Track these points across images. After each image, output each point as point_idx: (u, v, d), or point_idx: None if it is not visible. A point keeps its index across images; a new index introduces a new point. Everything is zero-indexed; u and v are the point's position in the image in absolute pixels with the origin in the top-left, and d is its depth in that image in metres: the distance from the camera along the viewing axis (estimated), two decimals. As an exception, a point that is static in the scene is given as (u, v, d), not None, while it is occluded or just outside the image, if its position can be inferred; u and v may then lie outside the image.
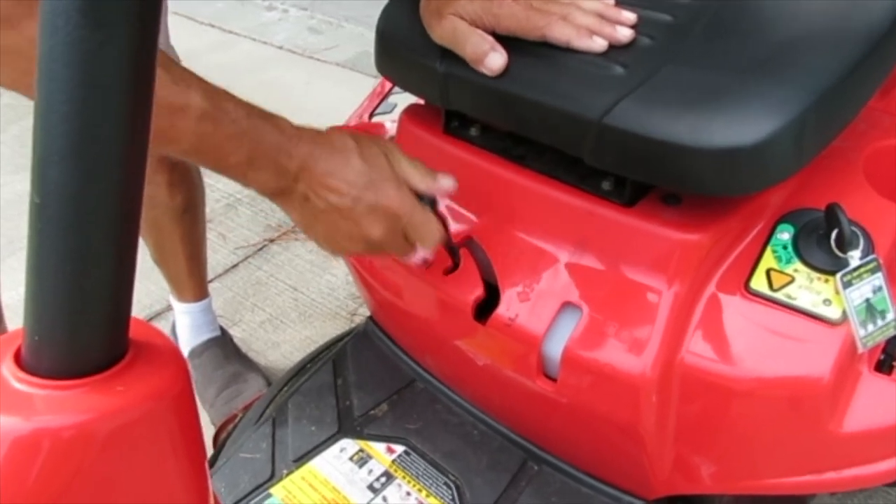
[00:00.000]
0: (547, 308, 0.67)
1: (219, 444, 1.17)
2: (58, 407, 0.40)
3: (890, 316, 0.59)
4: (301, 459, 0.83)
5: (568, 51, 0.64)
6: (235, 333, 1.53)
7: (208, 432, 1.30)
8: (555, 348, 0.66)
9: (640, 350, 0.61)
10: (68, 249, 0.38)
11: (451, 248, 0.74)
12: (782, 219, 0.64)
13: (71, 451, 0.40)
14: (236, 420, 1.16)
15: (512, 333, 0.68)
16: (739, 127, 0.54)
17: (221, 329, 1.45)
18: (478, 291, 0.71)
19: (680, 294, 0.62)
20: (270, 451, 0.84)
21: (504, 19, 0.65)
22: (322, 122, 1.19)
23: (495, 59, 0.64)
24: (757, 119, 0.54)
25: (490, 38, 0.65)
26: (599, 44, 0.63)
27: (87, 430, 0.40)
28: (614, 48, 0.64)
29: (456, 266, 0.74)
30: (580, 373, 0.65)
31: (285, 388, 1.00)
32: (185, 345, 1.41)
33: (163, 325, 1.57)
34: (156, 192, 1.20)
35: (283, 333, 1.55)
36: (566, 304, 0.66)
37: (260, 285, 1.68)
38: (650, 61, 0.62)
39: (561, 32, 0.64)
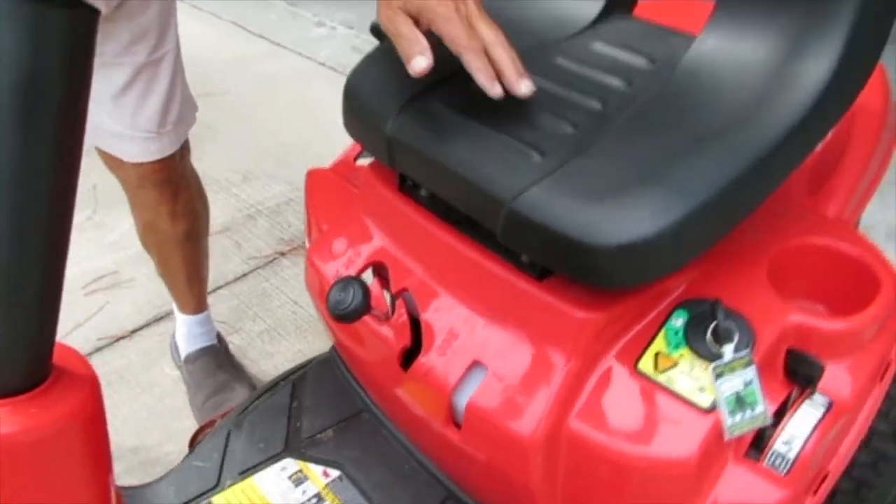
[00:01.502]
0: (459, 363, 0.73)
1: (193, 446, 1.25)
2: (-27, 424, 0.48)
3: (759, 409, 0.63)
4: (246, 473, 0.91)
5: (499, 127, 0.71)
6: (234, 341, 1.63)
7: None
8: (462, 400, 0.72)
9: (530, 413, 0.67)
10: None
11: (391, 298, 0.81)
12: (680, 305, 0.69)
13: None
14: (214, 426, 1.25)
15: (428, 382, 0.74)
16: (622, 226, 0.60)
17: (218, 337, 1.55)
18: (406, 340, 0.78)
19: (574, 367, 0.68)
20: (220, 462, 0.92)
21: (439, 22, 0.68)
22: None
23: (419, 62, 0.67)
24: (638, 219, 0.60)
25: (423, 42, 0.68)
26: (497, 90, 0.67)
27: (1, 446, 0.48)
28: (538, 132, 0.70)
29: (391, 313, 0.81)
30: (480, 425, 0.71)
31: (251, 405, 1.08)
32: (182, 351, 1.52)
33: (170, 326, 1.68)
34: (157, 220, 1.29)
35: (279, 345, 1.64)
36: (476, 363, 0.72)
37: (265, 296, 1.78)
38: (566, 150, 0.68)
39: (474, 62, 0.67)
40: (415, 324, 0.80)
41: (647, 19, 0.87)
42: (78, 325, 1.69)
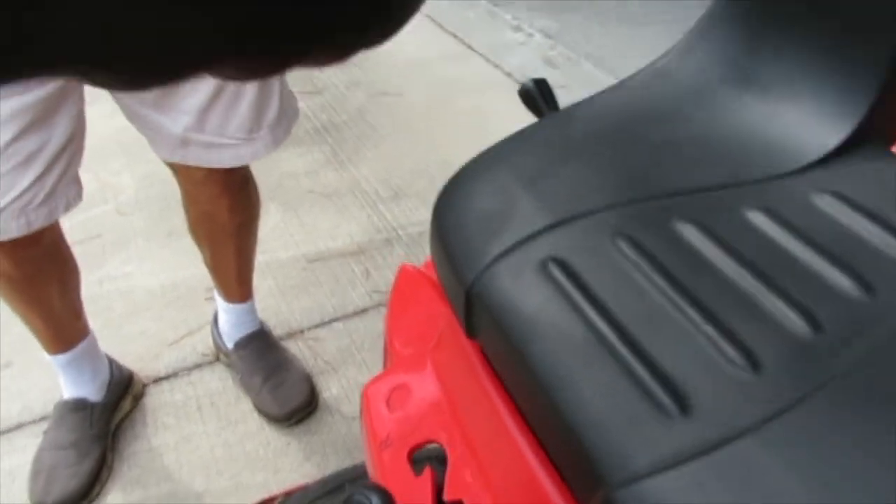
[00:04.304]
0: None
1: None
2: None
3: None
4: None
5: (628, 339, 0.44)
6: (331, 387, 1.48)
7: (252, 416, 1.42)
8: None
9: None
10: None
11: (438, 505, 0.58)
12: None
13: None
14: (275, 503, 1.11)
15: None
16: None
17: (260, 322, 1.51)
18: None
19: None
20: None
21: None
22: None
23: None
24: None
25: None
26: None
27: None
28: (687, 364, 0.42)
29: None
30: None
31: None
32: (229, 338, 1.48)
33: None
34: (214, 212, 1.22)
35: (378, 403, 1.47)
36: None
37: (379, 339, 1.61)
38: (730, 413, 0.40)
39: None
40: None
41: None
42: (190, 332, 1.62)
